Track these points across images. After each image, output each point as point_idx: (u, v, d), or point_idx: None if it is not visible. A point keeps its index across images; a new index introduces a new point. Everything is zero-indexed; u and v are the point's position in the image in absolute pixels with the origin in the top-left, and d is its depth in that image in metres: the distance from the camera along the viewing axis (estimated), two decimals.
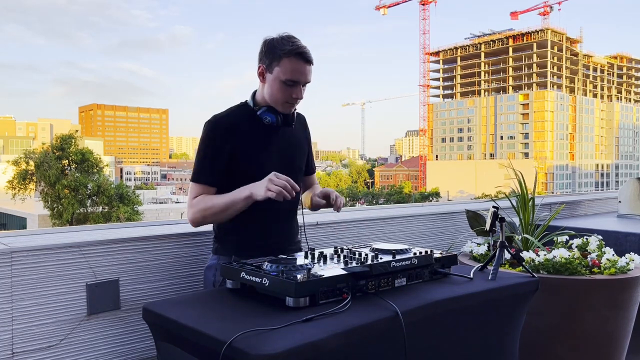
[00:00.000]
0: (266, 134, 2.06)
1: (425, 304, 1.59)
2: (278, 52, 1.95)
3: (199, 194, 1.99)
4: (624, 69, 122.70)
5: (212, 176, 2.00)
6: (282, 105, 2.01)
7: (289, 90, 1.98)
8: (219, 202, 1.96)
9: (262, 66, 2.00)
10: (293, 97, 1.99)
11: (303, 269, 1.62)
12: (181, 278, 2.37)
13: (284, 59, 1.94)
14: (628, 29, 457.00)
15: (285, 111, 2.04)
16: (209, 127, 2.01)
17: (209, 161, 2.00)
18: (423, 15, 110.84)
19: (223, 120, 2.02)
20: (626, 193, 4.32)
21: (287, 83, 1.96)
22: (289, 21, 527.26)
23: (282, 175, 1.85)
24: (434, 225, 3.49)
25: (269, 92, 2.00)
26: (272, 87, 1.99)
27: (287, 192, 1.81)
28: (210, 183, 2.00)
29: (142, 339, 2.26)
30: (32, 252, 2.03)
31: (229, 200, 1.94)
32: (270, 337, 1.29)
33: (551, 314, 2.55)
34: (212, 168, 2.00)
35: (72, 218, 30.33)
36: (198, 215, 1.97)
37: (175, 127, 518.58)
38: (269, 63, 1.97)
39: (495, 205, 2.01)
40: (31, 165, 31.26)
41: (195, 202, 1.98)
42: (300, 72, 1.96)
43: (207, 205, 1.96)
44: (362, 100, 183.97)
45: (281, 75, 1.95)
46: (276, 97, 2.00)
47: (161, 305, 1.63)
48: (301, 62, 1.96)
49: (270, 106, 2.02)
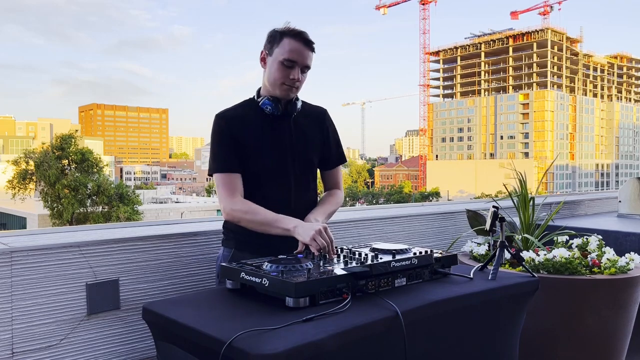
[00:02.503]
0: (273, 126, 2.07)
1: (425, 304, 1.59)
2: (277, 35, 2.00)
3: (231, 183, 1.99)
4: (624, 69, 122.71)
5: (234, 163, 2.01)
6: (279, 87, 2.01)
7: (287, 71, 1.99)
8: (261, 214, 1.95)
9: (264, 51, 2.05)
10: (290, 78, 1.99)
11: (303, 269, 1.62)
12: (181, 278, 2.37)
13: (284, 39, 1.98)
14: (628, 29, 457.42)
15: (284, 95, 2.03)
16: (219, 119, 2.04)
17: (226, 149, 2.01)
18: (423, 15, 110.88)
19: (231, 113, 2.06)
20: (626, 193, 4.32)
21: (285, 63, 1.97)
22: (289, 21, 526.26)
23: (330, 234, 1.85)
24: (434, 225, 3.49)
25: (268, 75, 2.03)
26: (271, 68, 2.01)
27: (326, 252, 1.81)
28: (235, 169, 2.01)
29: (141, 339, 2.26)
30: (32, 252, 2.03)
31: (271, 219, 1.94)
32: (270, 337, 1.29)
33: (551, 314, 2.55)
34: (231, 155, 2.01)
35: (72, 218, 30.34)
36: (237, 215, 1.97)
37: (175, 127, 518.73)
38: (270, 47, 2.01)
39: (495, 205, 2.00)
40: (31, 165, 31.26)
41: (237, 201, 1.98)
42: (299, 53, 1.98)
43: (251, 210, 1.96)
44: (362, 100, 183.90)
45: (279, 56, 1.98)
46: (274, 78, 2.00)
47: (161, 305, 1.63)
48: (300, 44, 1.98)
49: (270, 96, 2.04)
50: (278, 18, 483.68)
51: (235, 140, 2.01)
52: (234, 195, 1.98)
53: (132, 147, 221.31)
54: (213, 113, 2.09)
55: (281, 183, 2.06)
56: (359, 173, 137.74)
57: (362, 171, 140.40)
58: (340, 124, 11.59)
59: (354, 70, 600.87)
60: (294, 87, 2.02)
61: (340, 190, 2.26)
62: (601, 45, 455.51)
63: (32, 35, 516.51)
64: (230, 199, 1.98)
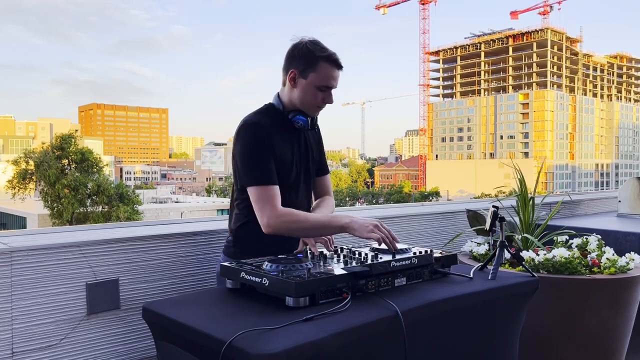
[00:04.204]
0: (294, 138, 2.09)
1: (425, 304, 1.59)
2: (313, 59, 1.98)
3: (275, 196, 1.93)
4: (624, 69, 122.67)
5: (273, 174, 1.97)
6: (312, 109, 2.05)
7: (321, 95, 2.02)
8: (313, 219, 1.93)
9: (294, 71, 2.01)
10: (324, 101, 2.04)
11: (303, 268, 1.62)
12: (181, 278, 2.37)
13: (320, 64, 1.98)
14: (628, 28, 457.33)
15: (314, 115, 2.08)
16: (254, 129, 1.98)
17: (268, 161, 1.96)
18: (423, 15, 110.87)
19: (263, 122, 2.01)
20: (626, 192, 4.32)
21: (321, 88, 2.00)
22: (288, 21, 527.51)
23: (386, 226, 1.85)
24: (434, 225, 3.49)
25: (300, 97, 2.02)
26: (305, 91, 2.01)
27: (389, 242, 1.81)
28: (275, 181, 1.96)
29: (141, 339, 2.26)
30: (31, 252, 2.03)
31: (325, 221, 1.93)
32: (270, 337, 1.29)
33: (551, 313, 2.55)
34: (271, 166, 1.97)
35: (72, 217, 30.33)
36: (284, 226, 1.90)
37: (175, 126, 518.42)
38: (303, 69, 1.99)
39: (495, 205, 2.01)
40: (31, 165, 31.25)
41: (284, 212, 1.91)
42: (334, 78, 2.02)
43: (300, 218, 1.92)
44: (362, 100, 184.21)
45: (316, 81, 1.99)
46: (309, 101, 2.02)
47: (161, 304, 1.63)
48: (335, 69, 2.01)
49: (299, 110, 2.04)
50: (278, 18, 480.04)
51: (272, 151, 1.98)
52: (277, 207, 1.92)
53: (132, 147, 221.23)
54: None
55: (296, 194, 2.09)
56: (358, 173, 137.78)
57: (362, 171, 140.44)
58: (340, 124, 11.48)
59: (354, 70, 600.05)
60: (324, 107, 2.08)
61: (331, 196, 2.29)
62: (601, 45, 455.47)
63: (32, 35, 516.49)
64: (274, 211, 1.90)
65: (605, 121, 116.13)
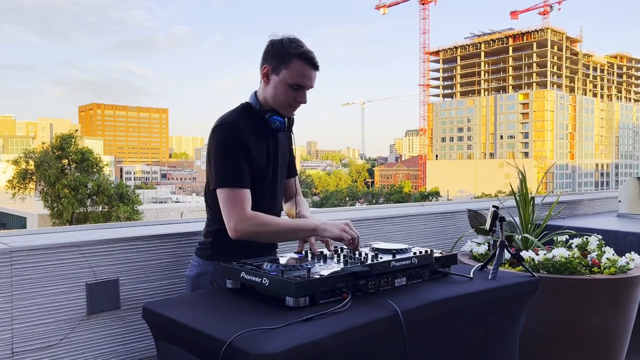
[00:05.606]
0: (272, 140, 2.05)
1: (425, 304, 1.59)
2: (286, 55, 1.93)
3: (244, 199, 1.86)
4: (624, 69, 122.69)
5: (246, 177, 1.90)
6: (285, 108, 2.00)
7: (293, 94, 1.97)
8: (282, 223, 1.90)
9: (267, 67, 1.97)
10: (297, 101, 1.98)
11: (303, 268, 1.62)
12: (181, 278, 2.37)
13: (293, 62, 1.92)
14: (628, 28, 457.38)
15: (287, 114, 2.02)
16: (229, 129, 1.92)
17: (242, 163, 1.89)
18: (423, 15, 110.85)
19: (239, 122, 1.95)
20: (626, 192, 4.32)
21: (293, 87, 1.95)
22: (288, 20, 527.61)
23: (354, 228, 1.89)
24: (434, 225, 3.49)
25: (272, 94, 1.98)
26: (276, 88, 1.96)
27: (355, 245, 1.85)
28: (247, 184, 1.89)
29: (141, 339, 2.26)
30: (31, 252, 2.03)
31: (295, 225, 1.93)
32: (270, 337, 1.29)
33: (551, 313, 2.55)
34: (245, 170, 1.90)
35: (72, 217, 30.31)
36: (253, 230, 1.84)
37: (174, 126, 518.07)
38: (275, 65, 1.95)
39: (495, 205, 2.01)
40: (31, 165, 31.23)
41: (252, 216, 1.84)
42: (307, 77, 1.96)
43: (269, 222, 1.87)
44: (362, 100, 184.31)
45: (288, 79, 1.93)
46: (280, 100, 1.97)
47: (161, 304, 1.63)
48: (309, 67, 1.95)
49: (275, 110, 2.00)
50: (277, 18, 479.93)
51: (248, 152, 1.92)
52: (245, 210, 1.85)
53: (132, 147, 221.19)
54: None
55: (270, 196, 2.05)
56: (358, 173, 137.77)
57: (361, 171, 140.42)
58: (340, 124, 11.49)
59: (354, 70, 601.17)
60: (297, 108, 2.03)
61: (300, 195, 2.28)
62: (601, 45, 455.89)
63: (32, 35, 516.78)
64: (242, 215, 1.84)
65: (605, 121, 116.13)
